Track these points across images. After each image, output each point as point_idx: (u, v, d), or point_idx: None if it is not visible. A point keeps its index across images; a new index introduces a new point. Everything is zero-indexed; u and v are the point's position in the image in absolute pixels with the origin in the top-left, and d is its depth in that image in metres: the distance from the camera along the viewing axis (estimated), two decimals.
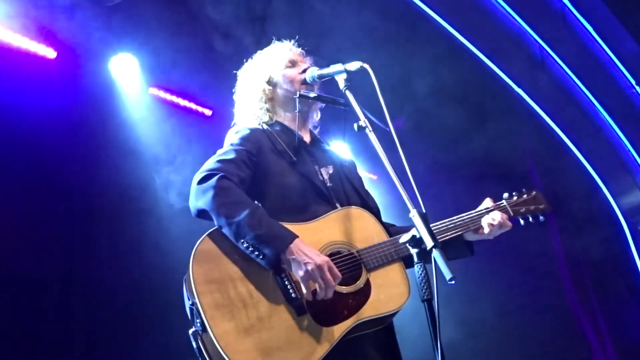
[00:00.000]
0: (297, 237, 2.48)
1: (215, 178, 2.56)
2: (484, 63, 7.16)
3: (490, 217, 2.94)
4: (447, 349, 2.19)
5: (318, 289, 2.45)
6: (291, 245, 2.44)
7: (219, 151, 2.81)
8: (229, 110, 3.17)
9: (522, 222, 3.10)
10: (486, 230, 2.93)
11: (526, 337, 6.82)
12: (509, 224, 2.97)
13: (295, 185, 2.77)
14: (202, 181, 2.59)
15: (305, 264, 2.41)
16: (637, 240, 8.27)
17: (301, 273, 2.42)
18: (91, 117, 4.63)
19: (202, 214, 2.58)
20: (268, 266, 2.46)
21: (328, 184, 2.88)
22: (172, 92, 5.45)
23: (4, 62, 4.33)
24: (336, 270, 2.49)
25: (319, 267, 2.42)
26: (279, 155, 2.83)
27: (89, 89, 4.72)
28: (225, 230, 2.50)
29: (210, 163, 2.70)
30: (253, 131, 2.91)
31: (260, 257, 2.45)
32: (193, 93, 5.45)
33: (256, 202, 2.66)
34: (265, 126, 2.97)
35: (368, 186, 3.16)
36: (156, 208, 4.66)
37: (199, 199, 2.57)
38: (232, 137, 2.89)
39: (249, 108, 3.03)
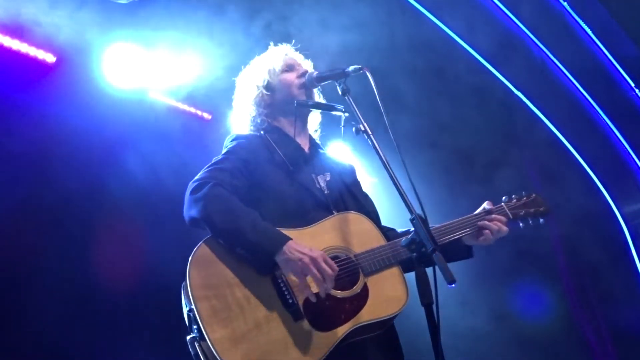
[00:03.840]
0: (291, 239, 2.46)
1: (208, 186, 2.54)
2: (483, 65, 7.15)
3: (487, 224, 2.88)
4: (447, 352, 2.18)
5: (317, 284, 2.42)
6: (284, 247, 2.42)
7: (214, 159, 2.79)
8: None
9: (521, 225, 3.07)
10: (483, 238, 2.90)
11: (526, 340, 6.79)
12: (505, 229, 2.90)
13: (292, 194, 2.75)
14: (194, 190, 2.57)
15: (300, 260, 2.39)
16: (637, 242, 8.25)
17: (296, 270, 2.40)
18: (91, 121, 4.61)
19: (195, 223, 2.57)
20: (264, 270, 2.45)
21: (326, 192, 2.85)
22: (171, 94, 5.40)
23: (2, 66, 4.32)
24: (332, 261, 2.46)
25: (314, 261, 2.39)
26: (276, 165, 2.81)
27: (88, 93, 4.70)
28: (220, 238, 2.49)
29: (204, 171, 2.69)
30: (250, 138, 2.90)
31: (255, 262, 2.44)
32: (192, 95, 5.40)
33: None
34: (263, 132, 2.95)
35: (368, 190, 3.15)
36: (155, 213, 4.65)
37: (191, 208, 2.55)
38: (228, 145, 2.88)
39: (247, 114, 3.02)
